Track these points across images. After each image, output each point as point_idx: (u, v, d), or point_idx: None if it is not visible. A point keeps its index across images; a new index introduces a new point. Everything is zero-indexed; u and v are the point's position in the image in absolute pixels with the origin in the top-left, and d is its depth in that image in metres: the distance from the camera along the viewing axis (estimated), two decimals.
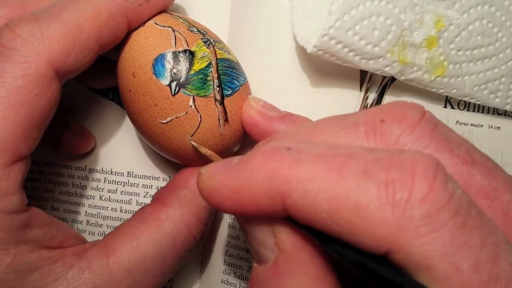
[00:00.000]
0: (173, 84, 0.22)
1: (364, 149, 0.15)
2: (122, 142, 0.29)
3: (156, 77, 0.22)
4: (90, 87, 0.29)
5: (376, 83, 0.27)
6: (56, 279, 0.20)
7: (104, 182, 0.29)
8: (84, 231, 0.29)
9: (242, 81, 0.24)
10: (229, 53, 0.24)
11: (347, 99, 0.27)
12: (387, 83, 0.27)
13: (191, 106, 0.22)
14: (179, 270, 0.29)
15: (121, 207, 0.29)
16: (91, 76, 0.28)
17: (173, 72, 0.22)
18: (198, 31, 0.23)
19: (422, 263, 0.13)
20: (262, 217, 0.16)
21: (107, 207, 0.29)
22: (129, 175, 0.29)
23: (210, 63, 0.23)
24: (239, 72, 0.24)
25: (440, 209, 0.13)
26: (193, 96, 0.22)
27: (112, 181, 0.29)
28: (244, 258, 0.27)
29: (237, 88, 0.24)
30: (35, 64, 0.19)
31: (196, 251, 0.25)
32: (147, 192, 0.29)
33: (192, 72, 0.22)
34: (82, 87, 0.29)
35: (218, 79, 0.23)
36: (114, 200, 0.29)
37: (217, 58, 0.23)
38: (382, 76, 0.27)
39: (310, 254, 0.15)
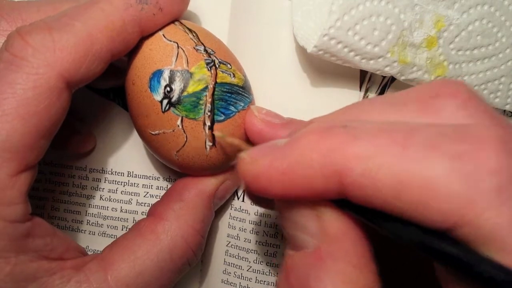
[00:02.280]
0: (164, 102, 0.22)
1: (424, 123, 0.14)
2: (123, 142, 0.29)
3: (151, 91, 0.22)
4: (91, 88, 0.29)
5: (376, 83, 0.27)
6: None
7: (105, 182, 0.29)
8: (85, 230, 0.29)
9: (241, 107, 0.24)
10: (233, 76, 0.23)
11: (347, 99, 0.27)
12: (387, 83, 0.27)
13: (178, 126, 0.22)
14: None
15: (121, 207, 0.29)
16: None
17: (167, 90, 0.22)
18: (205, 50, 0.23)
19: (490, 235, 0.12)
20: (310, 199, 0.15)
21: (107, 207, 0.29)
22: (129, 175, 0.29)
23: (206, 87, 0.22)
24: (241, 97, 0.24)
25: (509, 181, 0.13)
26: (182, 117, 0.22)
27: (113, 181, 0.29)
28: (244, 258, 0.28)
29: (231, 114, 0.23)
30: (46, 76, 0.19)
31: (194, 263, 0.25)
32: (147, 192, 0.29)
33: (185, 93, 0.22)
34: (83, 88, 0.29)
35: (211, 104, 0.23)
36: (115, 200, 0.29)
37: (215, 82, 0.23)
38: (382, 76, 0.27)
39: (354, 241, 0.15)
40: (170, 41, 0.23)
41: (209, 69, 0.23)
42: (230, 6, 0.29)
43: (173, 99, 0.22)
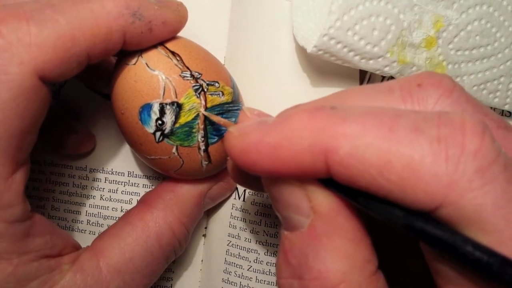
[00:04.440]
0: (158, 134, 0.22)
1: (409, 110, 0.15)
2: (123, 142, 0.29)
3: (142, 123, 0.22)
4: (92, 88, 0.29)
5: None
6: (53, 286, 0.20)
7: (105, 182, 0.29)
8: (85, 230, 0.29)
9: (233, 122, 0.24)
10: (222, 95, 0.23)
11: None
12: None
13: (174, 153, 0.23)
14: (179, 268, 0.30)
15: (121, 206, 0.29)
16: (100, 83, 0.28)
17: (158, 123, 0.22)
18: (192, 75, 0.22)
19: (473, 216, 0.13)
20: (298, 176, 0.15)
21: (107, 207, 0.29)
22: (129, 175, 0.29)
23: (197, 115, 0.22)
24: (231, 113, 0.24)
25: (490, 163, 0.13)
26: (177, 145, 0.23)
27: (113, 180, 0.29)
28: (244, 257, 0.28)
29: (223, 135, 0.23)
30: (20, 76, 0.18)
31: (179, 253, 0.26)
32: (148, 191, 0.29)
33: (177, 125, 0.22)
34: (83, 87, 0.29)
35: (204, 130, 0.23)
36: (115, 200, 0.29)
37: (206, 108, 0.23)
38: (381, 76, 0.27)
39: (347, 216, 0.15)
40: (154, 71, 0.22)
41: (198, 96, 0.22)
42: (230, 6, 0.29)
43: (166, 131, 0.22)
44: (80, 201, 0.29)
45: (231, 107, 0.24)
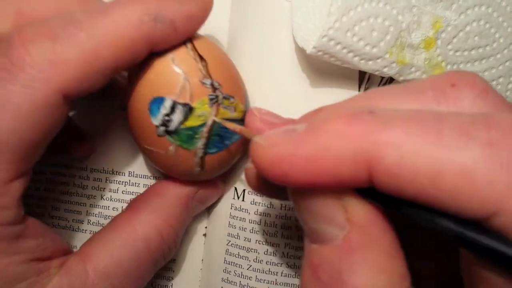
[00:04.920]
0: (161, 128, 0.22)
1: (452, 112, 0.14)
2: (124, 142, 0.29)
3: (150, 113, 0.22)
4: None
5: (375, 84, 0.27)
6: None
7: (106, 182, 0.29)
8: (85, 230, 0.29)
9: (235, 139, 0.24)
10: (234, 110, 0.23)
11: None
12: (385, 84, 0.27)
13: (170, 150, 0.23)
14: (180, 267, 0.30)
15: (122, 206, 0.29)
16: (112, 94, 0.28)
17: (165, 119, 0.22)
18: (212, 84, 0.22)
19: None
20: (335, 188, 0.14)
21: (108, 207, 0.29)
22: (130, 175, 0.29)
23: (204, 123, 0.23)
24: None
25: None
26: (176, 144, 0.23)
27: (114, 180, 0.29)
28: (244, 257, 0.28)
29: (223, 148, 0.24)
30: (43, 91, 0.18)
31: (168, 258, 0.26)
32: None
33: (183, 126, 0.22)
34: None
35: (206, 139, 0.23)
36: (116, 200, 0.29)
37: (215, 120, 0.23)
38: (381, 76, 0.27)
39: (383, 228, 0.14)
40: (178, 68, 0.22)
41: (211, 105, 0.22)
42: (230, 6, 0.29)
43: (170, 128, 0.22)
44: (81, 201, 0.29)
45: (239, 123, 0.24)
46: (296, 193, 0.16)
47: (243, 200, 0.28)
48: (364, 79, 0.27)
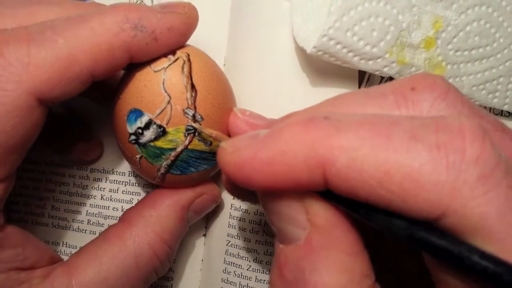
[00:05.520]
0: (132, 137, 0.23)
1: (405, 116, 0.14)
2: None
3: (127, 121, 0.23)
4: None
5: (375, 84, 0.27)
6: None
7: (106, 182, 0.29)
8: (85, 230, 0.29)
9: (202, 168, 0.24)
10: (210, 144, 0.23)
11: None
12: None
13: (136, 158, 0.23)
14: (180, 267, 0.30)
15: (122, 206, 0.29)
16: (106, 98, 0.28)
17: (138, 131, 0.22)
18: (193, 115, 0.22)
19: (478, 224, 0.12)
20: (295, 190, 0.15)
21: (108, 207, 0.29)
22: (130, 175, 0.29)
23: (174, 149, 0.23)
24: (207, 161, 0.24)
25: (492, 169, 0.13)
26: (142, 155, 0.23)
27: (114, 180, 0.29)
28: (244, 257, 0.28)
29: (186, 173, 0.24)
30: (15, 93, 0.18)
31: (161, 273, 0.25)
32: (148, 192, 0.29)
33: (152, 144, 0.23)
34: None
35: (171, 161, 0.23)
36: (116, 200, 0.29)
37: (185, 148, 0.23)
38: (380, 76, 0.27)
39: (345, 229, 0.15)
40: (165, 92, 0.22)
41: (186, 135, 0.22)
42: (230, 6, 0.29)
43: (140, 141, 0.23)
44: (81, 201, 0.29)
45: (210, 156, 0.24)
46: (263, 195, 0.16)
47: (242, 201, 0.28)
48: (364, 79, 0.27)
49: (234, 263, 0.28)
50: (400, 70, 0.25)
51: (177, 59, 0.22)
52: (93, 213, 0.29)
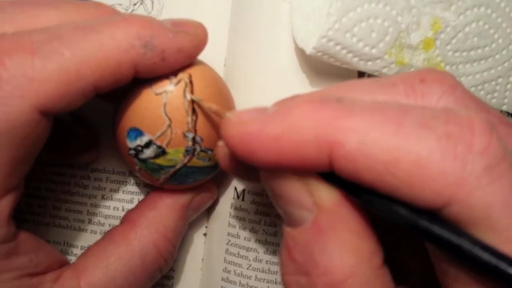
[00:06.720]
0: (132, 152, 0.23)
1: (416, 105, 0.15)
2: None
3: (127, 136, 0.23)
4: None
5: None
6: None
7: (106, 181, 0.29)
8: (86, 230, 0.30)
9: (200, 178, 0.24)
10: (208, 160, 0.23)
11: None
12: None
13: (136, 169, 0.24)
14: (181, 266, 0.30)
15: (123, 206, 0.29)
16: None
17: (138, 149, 0.23)
18: (193, 138, 0.22)
19: (481, 214, 0.13)
20: (299, 169, 0.15)
21: (109, 206, 0.29)
22: (131, 174, 0.29)
23: (174, 166, 0.23)
24: (204, 173, 0.24)
25: (499, 161, 0.13)
26: (142, 168, 0.23)
27: (114, 180, 0.29)
28: (244, 256, 0.28)
29: (185, 183, 0.24)
30: (19, 109, 0.17)
31: (165, 271, 0.25)
32: (149, 191, 0.29)
33: (151, 160, 0.23)
34: None
35: (170, 175, 0.23)
36: (116, 199, 0.29)
37: (184, 166, 0.23)
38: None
39: (351, 209, 0.15)
40: (167, 116, 0.22)
41: (186, 155, 0.23)
42: (230, 7, 0.30)
43: (140, 157, 0.23)
44: (82, 200, 0.29)
45: (207, 170, 0.24)
46: (267, 176, 0.16)
47: (243, 200, 0.28)
48: None
49: (234, 262, 0.28)
50: (399, 71, 0.25)
51: (179, 81, 0.22)
52: (94, 213, 0.29)
